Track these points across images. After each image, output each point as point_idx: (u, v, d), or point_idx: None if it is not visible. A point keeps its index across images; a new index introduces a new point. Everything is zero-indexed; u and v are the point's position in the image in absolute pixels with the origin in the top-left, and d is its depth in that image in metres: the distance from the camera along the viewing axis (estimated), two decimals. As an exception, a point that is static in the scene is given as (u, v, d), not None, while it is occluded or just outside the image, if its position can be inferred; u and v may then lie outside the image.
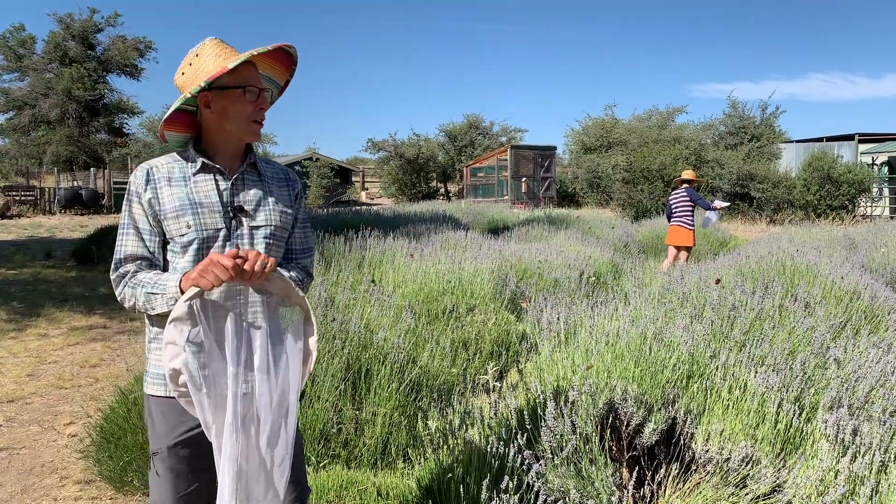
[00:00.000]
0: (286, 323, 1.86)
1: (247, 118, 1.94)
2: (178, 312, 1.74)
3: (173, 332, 1.74)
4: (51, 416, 4.71)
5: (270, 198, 2.03)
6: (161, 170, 1.96)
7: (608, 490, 2.75)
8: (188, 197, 1.92)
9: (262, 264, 1.77)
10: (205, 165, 1.96)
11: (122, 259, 1.92)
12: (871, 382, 3.13)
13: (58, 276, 10.90)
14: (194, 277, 1.74)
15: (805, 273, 5.98)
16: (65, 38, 35.13)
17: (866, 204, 23.43)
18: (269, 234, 1.99)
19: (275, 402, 1.80)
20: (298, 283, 2.02)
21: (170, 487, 1.95)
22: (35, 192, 27.53)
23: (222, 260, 1.73)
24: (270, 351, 1.82)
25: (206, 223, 1.91)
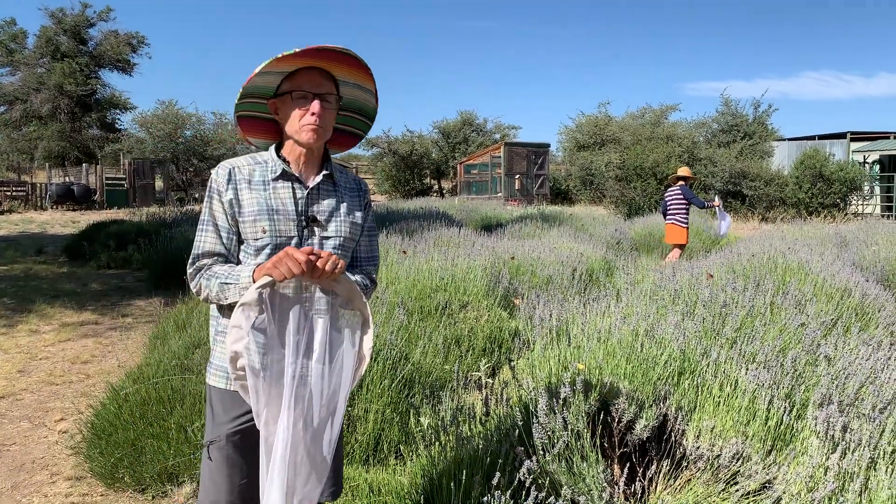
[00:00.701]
0: (345, 325, 1.89)
1: (298, 122, 1.95)
2: (248, 298, 1.79)
3: (240, 317, 1.79)
4: (41, 412, 4.69)
5: (343, 208, 2.06)
6: (243, 171, 2.00)
7: (599, 486, 2.75)
8: (266, 202, 1.96)
9: (334, 265, 1.81)
10: (284, 173, 2.00)
11: (199, 254, 1.98)
12: (861, 379, 3.15)
13: (49, 271, 10.85)
14: (268, 268, 1.79)
15: (796, 271, 6.00)
16: (56, 33, 34.98)
17: (858, 202, 23.55)
18: (339, 244, 2.03)
19: (325, 398, 1.84)
20: (363, 289, 2.05)
21: (224, 477, 1.99)
22: (26, 188, 27.40)
23: (297, 254, 1.76)
24: (328, 349, 1.86)
25: (280, 230, 1.96)
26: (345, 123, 2.17)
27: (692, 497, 2.84)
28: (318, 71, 1.96)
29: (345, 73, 2.01)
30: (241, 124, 2.12)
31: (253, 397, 1.79)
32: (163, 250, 9.73)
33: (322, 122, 1.95)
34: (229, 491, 1.99)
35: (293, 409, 1.79)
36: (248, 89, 1.99)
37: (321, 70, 1.97)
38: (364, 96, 2.10)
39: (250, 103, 2.04)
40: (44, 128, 34.15)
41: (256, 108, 2.06)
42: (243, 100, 2.01)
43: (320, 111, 1.93)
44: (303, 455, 1.81)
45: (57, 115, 34.27)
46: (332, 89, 1.99)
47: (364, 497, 3.05)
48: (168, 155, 30.85)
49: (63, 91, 33.80)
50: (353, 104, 2.12)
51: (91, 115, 35.92)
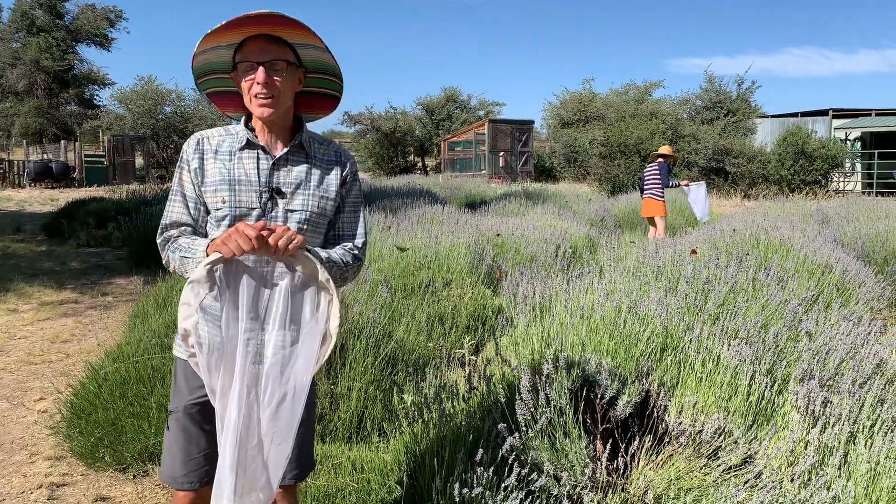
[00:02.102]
0: (308, 302, 1.82)
1: (248, 94, 1.89)
2: (196, 275, 1.74)
3: (189, 294, 1.75)
4: (20, 392, 4.63)
5: (313, 181, 1.98)
6: (212, 141, 1.97)
7: (582, 462, 2.76)
8: (229, 172, 1.92)
9: (288, 240, 1.73)
10: (249, 142, 1.95)
11: (167, 224, 1.96)
12: (842, 355, 3.17)
13: (27, 250, 10.70)
14: (217, 244, 1.73)
15: (778, 247, 6.03)
16: (32, 7, 34.26)
17: (839, 179, 23.73)
18: (304, 219, 1.95)
19: (285, 376, 1.78)
20: (341, 266, 1.97)
21: (181, 449, 1.98)
22: (4, 165, 26.93)
23: (247, 230, 1.70)
24: (288, 326, 1.80)
25: (240, 200, 1.91)
26: (319, 86, 2.08)
27: (674, 472, 2.85)
28: (264, 38, 1.87)
29: (294, 36, 1.90)
30: (213, 101, 2.07)
31: (205, 374, 1.75)
32: (143, 228, 9.62)
33: (271, 91, 1.86)
34: (184, 462, 1.96)
35: (246, 387, 1.75)
36: (204, 68, 1.95)
37: (269, 36, 1.88)
38: (319, 54, 1.96)
39: (215, 79, 2.00)
40: (20, 104, 33.57)
41: (223, 83, 2.01)
42: (204, 77, 1.98)
43: (265, 79, 1.85)
44: (258, 434, 1.76)
45: (34, 90, 33.69)
46: (283, 54, 1.89)
47: (347, 475, 3.04)
48: (148, 132, 30.44)
49: (39, 66, 33.20)
50: (318, 65, 2.00)
51: (69, 91, 35.34)
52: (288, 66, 1.90)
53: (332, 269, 1.92)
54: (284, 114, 1.96)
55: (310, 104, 2.10)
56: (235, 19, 1.81)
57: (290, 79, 1.91)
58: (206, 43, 1.86)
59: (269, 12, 1.80)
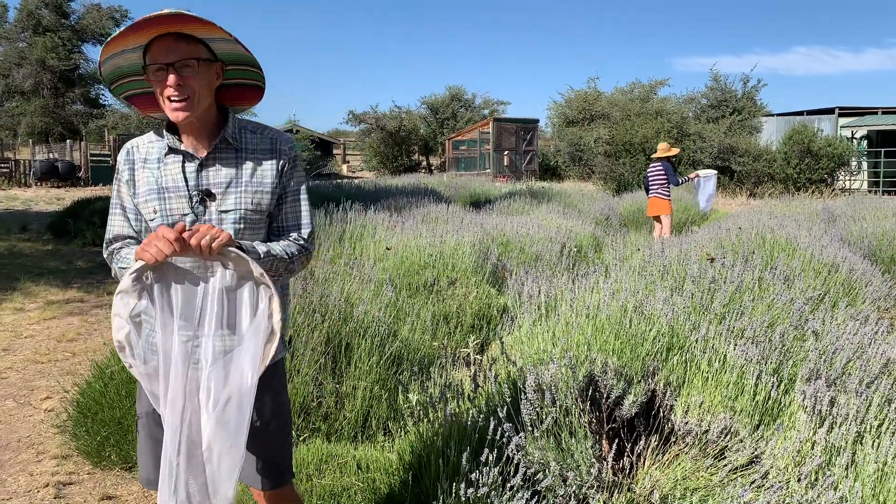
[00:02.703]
0: (247, 300, 1.74)
1: (162, 97, 1.80)
2: (123, 286, 1.70)
3: (118, 305, 1.70)
4: (27, 390, 4.65)
5: (244, 177, 1.90)
6: (141, 150, 1.92)
7: (588, 462, 2.76)
8: (157, 181, 1.87)
9: (211, 239, 1.65)
10: (170, 148, 1.88)
11: (110, 239, 1.94)
12: (849, 354, 3.16)
13: (33, 249, 10.74)
14: (138, 251, 1.68)
15: (785, 246, 6.02)
16: (38, 7, 34.35)
17: (845, 177, 23.64)
18: (239, 218, 1.88)
19: (229, 379, 1.71)
20: (283, 258, 1.90)
21: (150, 453, 1.97)
22: (10, 165, 27.02)
23: (166, 233, 1.64)
24: (226, 327, 1.73)
25: (171, 209, 1.85)
26: (239, 77, 1.97)
27: (680, 472, 2.85)
28: (171, 36, 1.77)
29: (201, 31, 1.80)
30: (133, 103, 1.99)
31: (145, 383, 1.72)
32: (149, 227, 9.62)
33: (185, 93, 1.78)
34: (154, 466, 1.93)
35: (186, 392, 1.70)
36: (115, 73, 1.88)
37: (176, 35, 1.78)
38: (233, 47, 1.86)
39: (129, 82, 1.92)
40: (26, 103, 33.66)
41: (139, 84, 1.93)
42: (118, 82, 1.91)
43: (176, 81, 1.76)
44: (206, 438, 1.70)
45: (40, 90, 33.78)
46: (193, 52, 1.79)
47: (353, 474, 3.04)
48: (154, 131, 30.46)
49: (45, 66, 33.29)
50: (234, 57, 1.90)
51: (74, 91, 35.44)
52: (200, 63, 1.80)
53: (273, 262, 1.86)
54: (205, 112, 1.87)
55: (234, 96, 2.01)
56: (136, 23, 1.73)
57: (205, 76, 1.82)
58: (110, 49, 1.78)
59: (168, 12, 1.71)
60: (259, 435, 1.95)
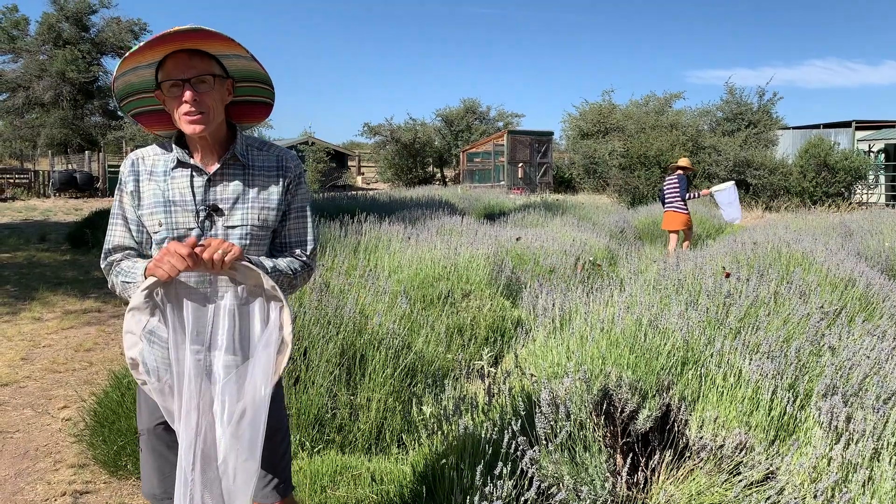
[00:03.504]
0: (258, 313, 1.75)
1: (177, 114, 1.84)
2: (135, 302, 1.70)
3: (130, 322, 1.71)
4: (45, 399, 4.70)
5: (251, 192, 1.92)
6: (146, 162, 1.93)
7: (602, 476, 2.75)
8: (163, 194, 1.88)
9: (223, 253, 1.67)
10: (180, 162, 1.90)
11: (109, 249, 1.92)
12: (865, 370, 3.14)
13: (52, 259, 10.86)
14: (151, 267, 1.69)
15: (801, 260, 5.98)
16: (58, 20, 34.82)
17: (862, 191, 23.45)
18: (245, 234, 1.90)
19: (242, 392, 1.72)
20: (288, 275, 1.91)
21: (153, 468, 1.99)
22: (29, 175, 27.36)
23: (179, 249, 1.65)
24: (238, 340, 1.74)
25: (177, 222, 1.87)
26: (249, 94, 2.01)
27: (695, 487, 2.83)
28: (186, 53, 1.81)
29: (219, 48, 1.84)
30: (139, 120, 2.02)
31: (159, 398, 1.73)
32: (165, 238, 9.70)
33: (201, 108, 1.81)
34: (160, 481, 1.97)
35: (199, 407, 1.71)
36: (126, 90, 1.91)
37: (191, 51, 1.82)
38: (247, 64, 1.90)
39: (138, 100, 1.95)
40: (46, 115, 34.06)
41: (146, 102, 1.97)
42: (128, 99, 1.94)
43: (192, 97, 1.79)
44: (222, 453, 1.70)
45: (59, 102, 34.17)
46: (208, 68, 1.83)
47: (366, 486, 3.05)
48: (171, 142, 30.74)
49: (65, 78, 33.70)
50: (246, 74, 1.95)
51: (93, 103, 35.82)
52: (215, 79, 1.84)
53: (279, 277, 1.86)
54: (217, 128, 1.90)
55: (242, 113, 2.05)
56: (155, 38, 1.75)
57: (218, 92, 1.86)
58: (128, 63, 1.81)
59: (189, 28, 1.75)
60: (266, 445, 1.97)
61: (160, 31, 1.75)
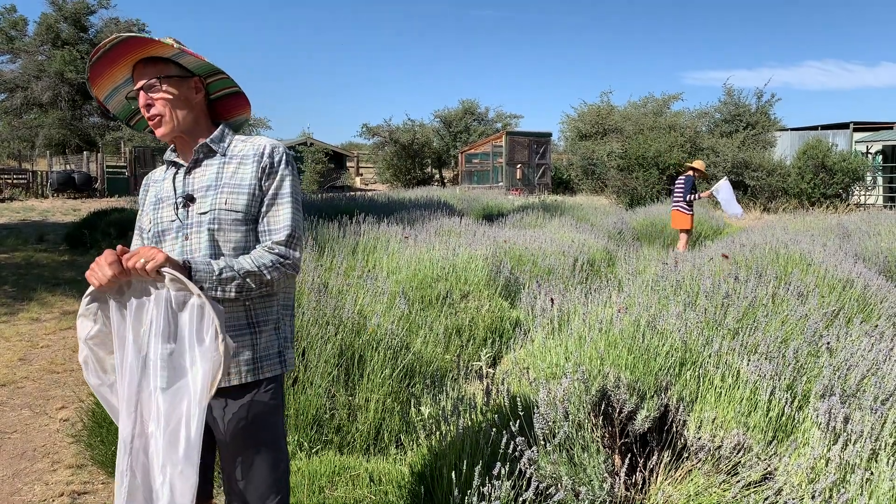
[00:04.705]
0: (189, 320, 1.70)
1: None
2: (81, 309, 1.79)
3: (78, 328, 1.80)
4: (43, 400, 4.69)
5: (224, 179, 1.94)
6: (156, 174, 2.12)
7: (600, 477, 2.75)
8: (156, 195, 2.03)
9: (146, 261, 1.66)
10: (170, 161, 2.03)
11: None
12: (863, 371, 3.14)
13: (50, 259, 10.85)
14: (87, 275, 1.75)
15: (799, 261, 5.99)
16: (57, 20, 34.80)
17: (860, 192, 23.48)
18: (213, 218, 1.90)
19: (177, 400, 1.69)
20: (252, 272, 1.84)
21: None
22: (27, 176, 27.35)
23: (107, 257, 1.70)
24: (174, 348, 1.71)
25: (162, 217, 1.97)
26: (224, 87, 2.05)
27: (693, 488, 2.84)
28: (140, 63, 1.94)
29: (160, 51, 1.91)
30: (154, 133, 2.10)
31: (104, 402, 1.82)
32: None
33: (155, 112, 1.93)
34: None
35: (137, 409, 1.73)
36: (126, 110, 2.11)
37: (145, 60, 1.93)
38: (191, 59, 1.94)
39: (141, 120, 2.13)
40: (44, 115, 34.03)
41: None
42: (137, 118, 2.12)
43: (144, 102, 1.93)
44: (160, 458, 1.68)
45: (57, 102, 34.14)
46: (160, 71, 1.92)
47: (365, 486, 3.05)
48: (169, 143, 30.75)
49: (64, 78, 33.66)
50: (204, 69, 1.99)
51: (92, 103, 35.74)
52: (163, 80, 1.93)
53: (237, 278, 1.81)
54: (192, 125, 1.99)
55: (231, 106, 2.10)
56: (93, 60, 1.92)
57: (177, 91, 1.94)
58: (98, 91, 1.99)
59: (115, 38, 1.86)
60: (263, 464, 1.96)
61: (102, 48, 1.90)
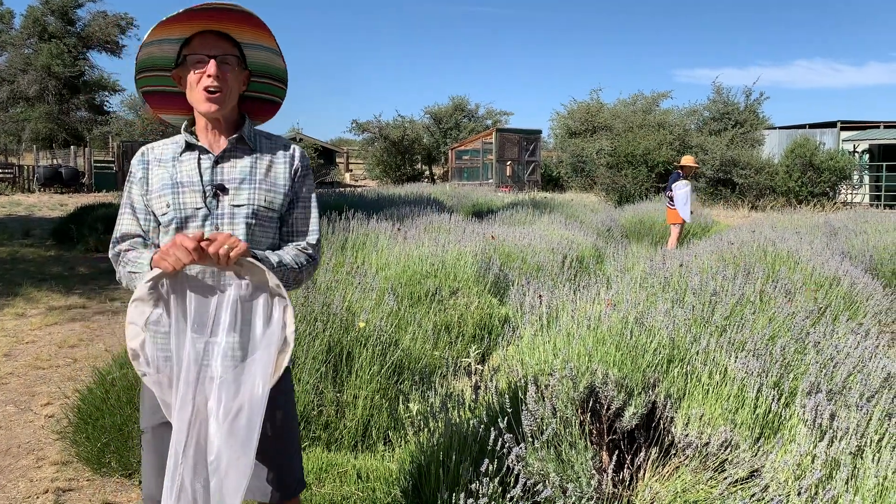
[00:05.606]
0: (261, 310, 1.74)
1: (196, 88, 1.86)
2: (139, 293, 1.70)
3: (133, 313, 1.71)
4: (28, 396, 4.65)
5: (259, 175, 1.93)
6: (155, 151, 1.96)
7: (588, 473, 2.76)
8: (171, 177, 1.89)
9: (229, 248, 1.66)
10: (188, 144, 1.92)
11: (118, 238, 1.93)
12: (849, 368, 3.16)
13: (36, 255, 10.76)
14: (156, 259, 1.70)
15: (786, 259, 6.02)
16: (44, 13, 34.55)
17: (847, 191, 23.65)
18: (251, 213, 1.89)
19: (240, 390, 1.70)
20: (294, 269, 1.90)
21: (154, 466, 1.95)
22: (14, 170, 27.08)
23: (185, 242, 1.65)
24: (238, 336, 1.73)
25: (184, 203, 1.87)
26: (260, 91, 2.05)
27: (680, 485, 2.84)
28: (214, 34, 1.87)
29: (246, 35, 1.90)
30: (149, 100, 2.03)
31: (157, 391, 1.73)
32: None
33: (221, 85, 1.84)
34: (158, 484, 1.90)
35: (195, 401, 1.69)
36: (146, 63, 1.92)
37: (218, 33, 1.87)
38: (270, 57, 1.96)
39: (154, 77, 1.96)
40: (31, 109, 33.79)
41: (161, 81, 1.97)
42: (144, 74, 1.95)
43: (216, 72, 1.83)
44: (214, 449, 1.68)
45: (44, 96, 33.91)
46: (233, 50, 1.89)
47: (352, 483, 3.04)
48: (158, 137, 30.45)
49: (50, 72, 33.43)
50: (261, 68, 1.99)
51: (79, 97, 35.58)
52: (239, 63, 1.90)
53: (285, 273, 1.87)
54: (230, 112, 1.94)
55: (250, 109, 2.06)
56: (194, 7, 1.78)
57: (238, 77, 1.91)
58: (156, 33, 1.83)
59: (233, 5, 1.80)
60: (275, 442, 1.95)
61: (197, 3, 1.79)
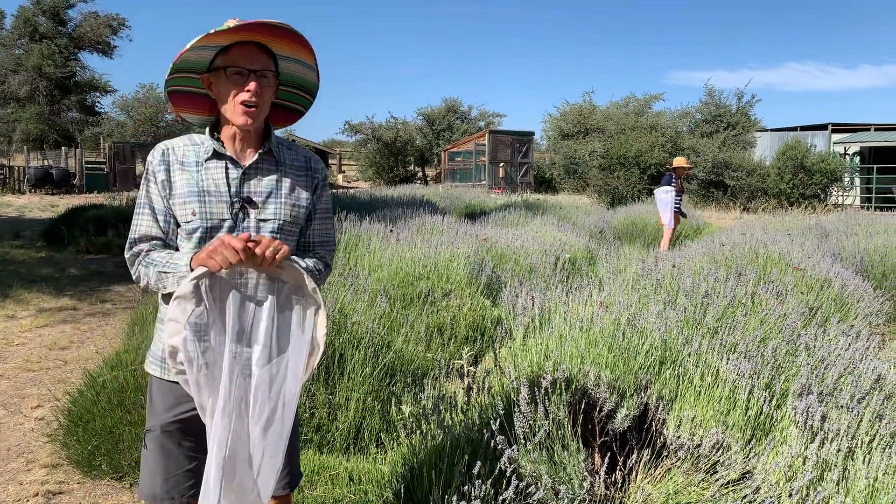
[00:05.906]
0: (295, 312, 1.80)
1: (233, 101, 1.85)
2: (183, 290, 1.72)
3: (176, 310, 1.72)
4: (18, 398, 4.62)
5: (284, 189, 1.95)
6: (177, 151, 1.93)
7: (580, 475, 2.76)
8: (197, 184, 1.88)
9: (275, 251, 1.72)
10: (216, 153, 1.91)
11: (136, 239, 1.90)
12: (840, 370, 3.17)
13: (27, 256, 10.69)
14: (203, 258, 1.71)
15: (777, 261, 6.04)
16: (35, 14, 34.35)
17: (838, 193, 23.77)
18: (277, 227, 1.92)
19: (274, 390, 1.75)
20: (315, 274, 1.95)
21: (159, 467, 1.95)
22: (4, 171, 26.89)
23: (233, 242, 1.68)
24: (275, 338, 1.77)
25: (211, 213, 1.87)
26: (285, 99, 2.06)
27: (672, 486, 2.85)
28: (254, 46, 1.86)
29: (284, 49, 1.91)
30: (172, 99, 2.01)
31: (195, 390, 1.73)
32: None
33: (258, 101, 1.85)
34: (165, 480, 1.94)
35: (234, 401, 1.73)
36: (179, 64, 1.89)
37: (257, 45, 1.86)
38: (304, 71, 1.98)
39: (181, 77, 1.94)
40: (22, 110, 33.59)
41: (188, 82, 1.95)
42: (174, 74, 1.92)
43: (256, 89, 1.84)
44: (247, 448, 1.74)
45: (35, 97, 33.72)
46: (270, 65, 1.88)
47: (344, 486, 3.03)
48: (149, 139, 30.51)
49: (42, 73, 33.25)
50: (293, 79, 2.01)
51: (70, 98, 35.39)
52: (274, 77, 1.91)
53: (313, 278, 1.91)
54: (260, 125, 1.94)
55: (272, 116, 2.06)
56: (251, 24, 1.78)
57: (272, 90, 1.91)
58: (203, 41, 1.81)
59: (287, 26, 1.82)
60: None
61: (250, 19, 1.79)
